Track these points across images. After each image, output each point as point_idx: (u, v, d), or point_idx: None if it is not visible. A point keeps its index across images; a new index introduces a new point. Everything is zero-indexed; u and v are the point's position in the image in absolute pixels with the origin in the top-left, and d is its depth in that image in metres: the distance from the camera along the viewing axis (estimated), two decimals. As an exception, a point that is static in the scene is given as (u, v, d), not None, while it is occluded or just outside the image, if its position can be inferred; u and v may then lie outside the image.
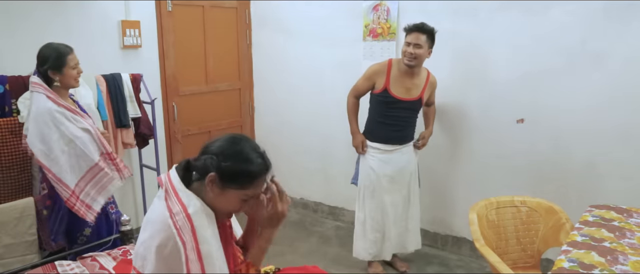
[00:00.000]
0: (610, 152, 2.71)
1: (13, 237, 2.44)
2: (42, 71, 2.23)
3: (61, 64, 2.23)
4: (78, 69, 2.32)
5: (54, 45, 2.27)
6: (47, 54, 2.23)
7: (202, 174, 1.35)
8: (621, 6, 2.56)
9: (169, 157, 3.78)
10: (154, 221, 1.31)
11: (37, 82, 2.22)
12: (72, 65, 2.27)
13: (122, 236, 2.38)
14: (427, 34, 2.76)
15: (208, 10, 3.93)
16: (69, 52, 2.28)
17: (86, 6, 3.12)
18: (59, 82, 2.25)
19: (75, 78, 2.30)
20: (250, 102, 4.44)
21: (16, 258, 2.45)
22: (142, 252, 1.31)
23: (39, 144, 2.15)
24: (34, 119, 2.17)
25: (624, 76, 2.60)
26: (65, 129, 2.18)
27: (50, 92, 2.21)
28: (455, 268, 3.20)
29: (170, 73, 3.70)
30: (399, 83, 2.88)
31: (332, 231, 3.84)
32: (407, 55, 2.78)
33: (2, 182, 2.61)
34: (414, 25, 2.79)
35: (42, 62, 2.23)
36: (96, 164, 2.24)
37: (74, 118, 2.23)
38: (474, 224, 2.28)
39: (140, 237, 1.33)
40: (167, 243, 1.25)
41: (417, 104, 2.95)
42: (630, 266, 1.66)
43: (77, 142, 2.20)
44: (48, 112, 2.16)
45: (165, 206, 1.30)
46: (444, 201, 3.39)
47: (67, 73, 2.26)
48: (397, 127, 2.95)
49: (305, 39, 3.93)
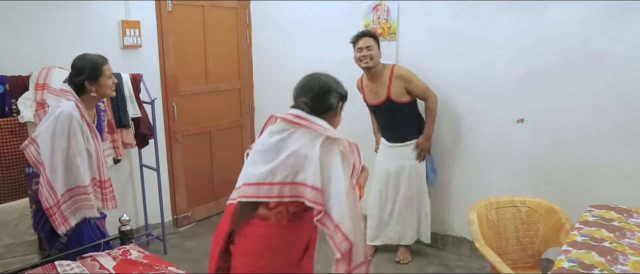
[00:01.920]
0: (610, 152, 2.71)
1: (13, 237, 2.45)
2: (78, 81, 2.24)
3: (98, 73, 2.26)
4: (113, 79, 2.35)
5: (89, 57, 2.29)
6: (82, 65, 2.25)
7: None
8: (621, 6, 2.56)
9: (169, 157, 3.78)
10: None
11: (68, 90, 2.24)
12: (108, 74, 2.30)
13: (122, 236, 2.38)
14: (373, 37, 3.03)
15: (208, 10, 3.93)
16: (105, 62, 2.31)
17: (86, 6, 3.12)
18: (96, 92, 2.28)
19: (112, 87, 2.33)
20: (250, 102, 4.44)
21: (16, 258, 2.45)
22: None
23: (49, 145, 2.15)
24: (56, 120, 2.16)
25: (624, 75, 2.60)
26: (75, 142, 2.19)
27: (80, 102, 2.23)
28: (455, 268, 3.20)
29: (170, 73, 3.70)
30: (369, 90, 3.15)
31: (332, 231, 3.83)
32: (363, 59, 3.00)
33: (2, 182, 2.62)
34: (360, 32, 3.06)
35: (79, 73, 2.24)
36: (84, 187, 2.23)
37: (87, 136, 2.24)
38: (474, 224, 2.28)
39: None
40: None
41: (389, 104, 3.06)
42: (630, 266, 1.66)
43: (77, 159, 2.19)
44: (70, 120, 2.17)
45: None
46: (444, 201, 3.39)
47: (104, 83, 2.28)
48: (390, 128, 3.17)
49: (305, 39, 3.93)
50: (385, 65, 3.11)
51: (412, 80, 3.03)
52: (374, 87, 3.11)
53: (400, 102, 3.04)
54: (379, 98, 3.08)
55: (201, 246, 3.58)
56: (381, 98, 3.07)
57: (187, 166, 3.93)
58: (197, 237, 3.76)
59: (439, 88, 3.24)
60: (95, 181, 2.30)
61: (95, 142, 2.29)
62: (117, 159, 3.24)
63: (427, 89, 3.06)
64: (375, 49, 3.00)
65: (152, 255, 2.23)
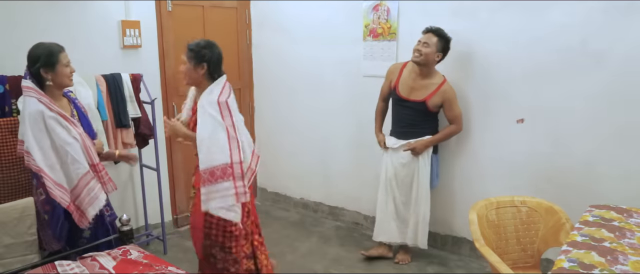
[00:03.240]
0: (610, 152, 2.71)
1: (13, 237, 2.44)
2: (34, 70, 2.17)
3: (54, 61, 2.18)
4: (71, 68, 2.27)
5: (44, 45, 2.23)
6: (38, 53, 2.18)
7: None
8: (621, 6, 2.56)
9: (169, 157, 3.78)
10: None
11: (29, 86, 2.15)
12: (65, 62, 2.23)
13: (122, 236, 2.38)
14: (439, 37, 2.95)
15: (208, 10, 3.93)
16: (61, 49, 2.24)
17: (86, 6, 3.12)
18: (52, 81, 2.20)
19: (69, 76, 2.25)
20: (250, 102, 4.44)
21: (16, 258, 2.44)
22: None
23: (38, 151, 2.11)
24: (30, 125, 2.11)
25: (624, 75, 2.60)
26: (56, 136, 2.14)
27: (43, 95, 2.16)
28: (455, 268, 3.20)
29: (170, 73, 3.70)
30: (406, 83, 3.06)
31: (332, 231, 3.84)
32: (415, 52, 2.97)
33: (2, 182, 2.61)
34: (430, 27, 2.99)
35: (34, 61, 2.18)
36: (88, 172, 2.21)
37: (66, 126, 2.19)
38: (474, 224, 2.28)
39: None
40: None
41: (421, 106, 3.02)
42: (630, 266, 1.66)
43: (69, 149, 2.16)
44: (41, 117, 2.11)
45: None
46: (444, 201, 3.39)
47: (60, 71, 2.20)
48: (402, 124, 3.14)
49: (305, 39, 3.93)
50: (438, 72, 3.06)
51: (453, 101, 3.02)
52: (413, 83, 3.05)
53: (431, 111, 3.05)
54: (415, 97, 3.03)
55: (201, 246, 3.58)
56: (417, 98, 3.02)
57: (187, 166, 3.93)
58: (197, 237, 3.76)
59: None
60: (91, 165, 2.26)
61: (76, 129, 2.23)
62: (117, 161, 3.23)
63: (461, 117, 3.07)
64: (432, 49, 2.93)
65: (152, 255, 2.23)
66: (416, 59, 2.96)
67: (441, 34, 2.96)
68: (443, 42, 2.96)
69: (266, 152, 4.47)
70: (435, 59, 2.98)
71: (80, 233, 2.33)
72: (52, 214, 2.25)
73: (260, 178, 4.58)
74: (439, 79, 3.03)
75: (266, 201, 4.55)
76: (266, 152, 4.47)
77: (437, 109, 3.06)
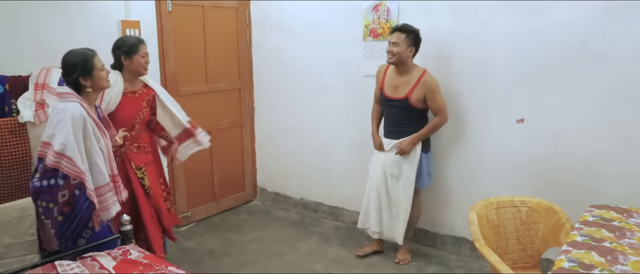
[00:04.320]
0: (610, 152, 2.71)
1: (13, 237, 2.44)
2: (72, 79, 2.21)
3: (90, 67, 2.22)
4: (106, 70, 2.32)
5: (77, 52, 2.26)
6: (73, 61, 2.21)
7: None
8: (621, 6, 2.56)
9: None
10: None
11: (68, 91, 2.21)
12: (100, 66, 2.27)
13: (122, 236, 2.38)
14: (407, 33, 2.98)
15: (208, 10, 3.93)
16: (94, 54, 2.28)
17: (86, 6, 3.12)
18: (91, 87, 2.25)
19: (106, 79, 2.31)
20: (250, 102, 4.44)
21: (16, 258, 2.44)
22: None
23: (78, 155, 2.12)
24: (73, 128, 2.12)
25: (624, 75, 2.61)
26: (91, 143, 2.18)
27: (84, 101, 2.21)
28: (455, 268, 3.20)
29: (170, 73, 3.70)
30: (390, 82, 3.12)
31: (332, 231, 3.84)
32: (387, 54, 3.03)
33: (2, 182, 2.61)
34: (396, 26, 3.05)
35: (70, 70, 2.21)
36: (108, 184, 2.23)
37: (98, 136, 2.23)
38: (474, 224, 2.28)
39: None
40: None
41: (404, 103, 3.05)
42: (630, 266, 1.67)
43: (97, 159, 2.18)
44: (83, 122, 2.15)
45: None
46: (444, 201, 3.39)
47: (97, 75, 2.25)
48: (391, 124, 3.17)
49: (305, 39, 3.93)
50: (416, 66, 3.08)
51: (435, 92, 3.02)
52: (396, 81, 3.09)
53: (415, 107, 3.05)
54: (398, 94, 3.07)
55: (201, 246, 3.58)
56: (400, 95, 3.05)
57: (187, 166, 3.93)
58: (197, 237, 3.76)
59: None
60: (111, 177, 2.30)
61: (105, 140, 2.28)
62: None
63: (444, 108, 3.06)
64: (402, 46, 2.96)
65: (152, 255, 2.23)
66: (390, 61, 3.02)
67: (407, 29, 2.98)
68: (412, 36, 2.99)
69: (266, 153, 4.47)
70: (409, 54, 3.01)
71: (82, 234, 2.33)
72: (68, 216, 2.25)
73: (260, 178, 4.58)
74: (418, 72, 3.05)
75: (266, 201, 4.55)
76: (266, 153, 4.47)
77: (421, 104, 3.04)
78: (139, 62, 2.67)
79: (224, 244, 3.61)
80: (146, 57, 2.70)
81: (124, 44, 2.66)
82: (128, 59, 2.65)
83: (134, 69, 2.68)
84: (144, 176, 2.75)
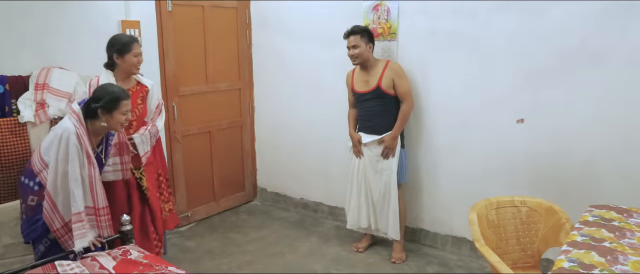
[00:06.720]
0: (610, 152, 2.71)
1: (13, 237, 2.45)
2: (93, 107, 2.24)
3: (114, 107, 2.25)
4: (127, 116, 2.33)
5: (112, 88, 2.28)
6: (102, 96, 2.24)
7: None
8: (621, 6, 2.56)
9: (169, 157, 3.78)
10: None
11: (77, 112, 2.23)
12: (123, 111, 2.28)
13: (122, 236, 2.38)
14: (360, 33, 3.13)
15: (208, 10, 3.93)
16: (125, 97, 2.28)
17: (86, 6, 3.12)
18: (106, 123, 2.27)
19: (122, 123, 2.32)
20: (250, 102, 4.44)
21: (16, 258, 2.45)
22: None
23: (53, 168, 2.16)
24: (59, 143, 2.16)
25: (624, 75, 2.60)
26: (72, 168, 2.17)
27: (83, 126, 2.22)
28: (455, 268, 3.20)
29: (170, 73, 3.70)
30: (359, 79, 3.28)
31: (332, 231, 3.84)
32: (351, 58, 3.18)
33: (2, 183, 2.62)
34: (348, 30, 3.17)
35: (96, 100, 2.24)
36: (80, 213, 2.19)
37: (83, 164, 2.21)
38: (474, 224, 2.28)
39: None
40: None
41: (377, 92, 3.19)
42: (630, 266, 1.66)
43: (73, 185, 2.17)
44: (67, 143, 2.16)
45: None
46: (444, 201, 3.39)
47: (117, 117, 2.27)
48: (366, 117, 3.28)
49: (305, 39, 3.93)
50: (379, 59, 3.26)
51: (401, 76, 3.17)
52: (365, 76, 3.24)
53: (387, 93, 3.16)
54: (369, 86, 3.20)
55: (201, 246, 3.58)
56: (371, 86, 3.18)
57: (187, 166, 3.93)
58: (197, 237, 3.76)
59: (439, 88, 3.25)
60: (88, 208, 2.24)
61: (91, 169, 2.25)
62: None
63: (409, 92, 3.19)
64: (362, 46, 3.12)
65: (152, 255, 2.23)
66: (356, 63, 3.19)
67: (360, 29, 3.14)
68: (366, 34, 3.15)
69: (266, 152, 4.47)
70: (369, 51, 3.17)
71: (40, 239, 2.32)
72: (28, 220, 2.26)
73: (260, 178, 4.58)
74: (383, 62, 3.22)
75: (266, 201, 4.55)
76: (266, 152, 4.47)
77: (392, 89, 3.17)
78: (131, 61, 2.63)
79: (223, 244, 3.61)
80: (139, 57, 2.67)
81: (117, 42, 2.64)
82: (120, 58, 2.62)
83: (126, 68, 2.65)
84: (141, 177, 2.74)
